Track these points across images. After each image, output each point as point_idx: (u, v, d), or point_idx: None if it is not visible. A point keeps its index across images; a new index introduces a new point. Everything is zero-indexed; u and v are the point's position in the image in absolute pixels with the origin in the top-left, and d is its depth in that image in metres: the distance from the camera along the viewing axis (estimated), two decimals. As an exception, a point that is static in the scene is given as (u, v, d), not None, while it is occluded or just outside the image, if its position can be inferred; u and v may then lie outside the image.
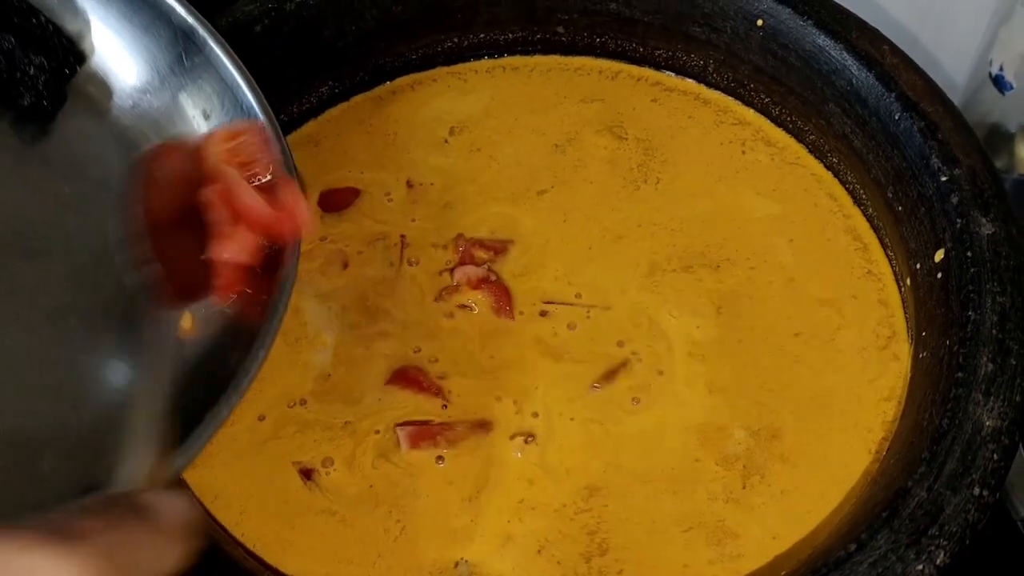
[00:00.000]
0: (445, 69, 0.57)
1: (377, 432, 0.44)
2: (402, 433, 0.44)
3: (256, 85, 0.40)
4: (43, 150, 0.40)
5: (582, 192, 0.52)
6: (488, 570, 0.40)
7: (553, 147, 0.54)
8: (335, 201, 0.52)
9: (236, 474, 0.43)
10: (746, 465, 0.43)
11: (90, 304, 0.37)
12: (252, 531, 0.41)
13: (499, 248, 0.49)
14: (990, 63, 0.61)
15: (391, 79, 0.57)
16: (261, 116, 0.40)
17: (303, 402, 0.45)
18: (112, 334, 0.36)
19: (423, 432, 0.44)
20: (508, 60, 0.58)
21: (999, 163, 0.65)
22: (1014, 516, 0.51)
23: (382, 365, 0.46)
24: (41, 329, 0.36)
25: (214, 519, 0.41)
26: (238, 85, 0.40)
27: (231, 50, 0.41)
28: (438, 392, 0.45)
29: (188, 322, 0.37)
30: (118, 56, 0.41)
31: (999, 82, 0.61)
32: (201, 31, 0.40)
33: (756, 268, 0.49)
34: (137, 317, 0.35)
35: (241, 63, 0.41)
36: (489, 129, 0.55)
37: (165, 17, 0.40)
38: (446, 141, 0.54)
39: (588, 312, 0.47)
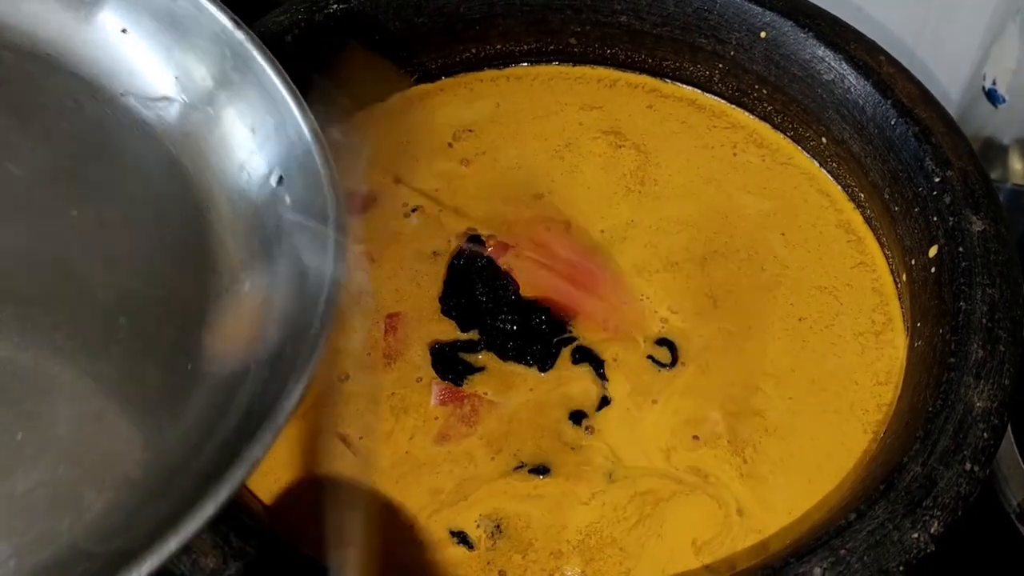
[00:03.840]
0: (451, 80, 0.60)
1: (415, 405, 0.46)
2: (435, 388, 0.46)
3: (304, 104, 0.39)
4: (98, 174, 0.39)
5: (579, 195, 0.54)
6: (512, 516, 0.43)
7: (553, 152, 0.56)
8: (354, 204, 0.54)
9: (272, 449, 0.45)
10: (755, 446, 0.45)
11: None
12: (285, 499, 0.43)
13: (501, 249, 0.52)
14: (983, 77, 0.63)
15: (411, 87, 0.59)
16: (308, 135, 0.38)
17: (343, 379, 0.47)
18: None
19: (454, 393, 0.46)
20: (512, 70, 0.60)
21: (994, 174, 0.67)
22: (1007, 508, 0.53)
23: (416, 343, 0.48)
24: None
25: (249, 490, 0.43)
26: (286, 105, 0.39)
27: (280, 67, 0.39)
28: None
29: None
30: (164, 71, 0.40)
31: (992, 96, 0.63)
32: (248, 45, 0.40)
33: (748, 260, 0.51)
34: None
35: (290, 82, 0.39)
36: (494, 135, 0.57)
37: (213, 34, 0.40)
38: (450, 146, 0.57)
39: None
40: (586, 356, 0.48)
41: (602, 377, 0.47)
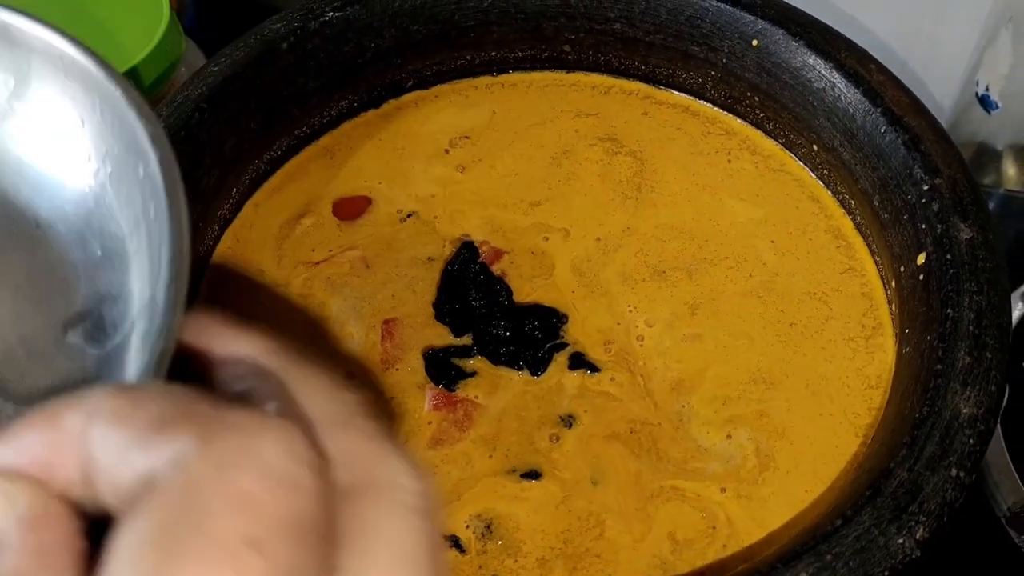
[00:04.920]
0: (447, 86, 0.60)
1: (411, 411, 0.47)
2: (429, 393, 0.47)
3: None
4: None
5: (575, 203, 0.55)
6: (503, 518, 0.44)
7: (550, 159, 0.56)
8: (350, 209, 0.55)
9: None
10: (758, 448, 0.45)
11: None
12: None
13: (495, 256, 0.52)
14: (976, 83, 0.64)
15: (405, 94, 0.60)
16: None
17: (350, 378, 0.48)
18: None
19: (447, 398, 0.47)
20: (507, 77, 0.60)
21: (987, 180, 0.68)
22: (998, 513, 0.53)
23: (414, 349, 0.49)
24: None
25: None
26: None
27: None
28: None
29: None
30: None
31: (985, 102, 0.64)
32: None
33: (736, 267, 0.51)
34: None
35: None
36: (490, 142, 0.57)
37: None
38: (447, 151, 0.57)
39: (577, 315, 0.50)
40: (580, 361, 0.48)
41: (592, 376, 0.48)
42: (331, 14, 0.54)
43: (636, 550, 0.43)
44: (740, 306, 0.50)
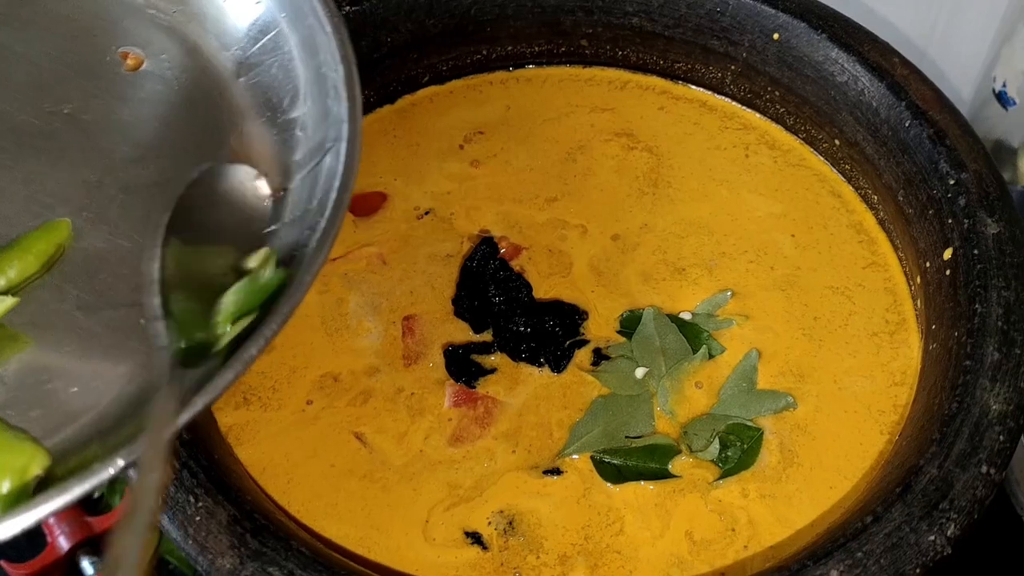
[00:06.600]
0: (461, 82, 0.59)
1: (431, 407, 0.46)
2: (449, 390, 0.46)
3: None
4: None
5: (592, 199, 0.54)
6: (525, 515, 0.43)
7: (565, 155, 0.56)
8: (365, 205, 0.54)
9: (284, 448, 0.45)
10: (781, 443, 0.45)
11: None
12: (297, 498, 0.44)
13: (515, 251, 0.52)
14: (994, 80, 0.63)
15: (420, 90, 0.59)
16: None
17: (372, 374, 0.48)
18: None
19: (467, 395, 0.46)
20: (522, 72, 0.60)
21: (1004, 176, 0.67)
22: (1019, 510, 0.53)
23: (435, 345, 0.49)
24: None
25: (262, 490, 0.43)
26: None
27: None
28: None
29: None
30: None
31: (1002, 98, 0.63)
32: None
33: (757, 261, 0.51)
34: None
35: None
36: (505, 137, 0.57)
37: None
38: (461, 147, 0.57)
39: (600, 314, 0.50)
40: (603, 358, 0.48)
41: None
42: (348, 8, 0.54)
43: (655, 547, 0.43)
44: (763, 300, 0.50)
